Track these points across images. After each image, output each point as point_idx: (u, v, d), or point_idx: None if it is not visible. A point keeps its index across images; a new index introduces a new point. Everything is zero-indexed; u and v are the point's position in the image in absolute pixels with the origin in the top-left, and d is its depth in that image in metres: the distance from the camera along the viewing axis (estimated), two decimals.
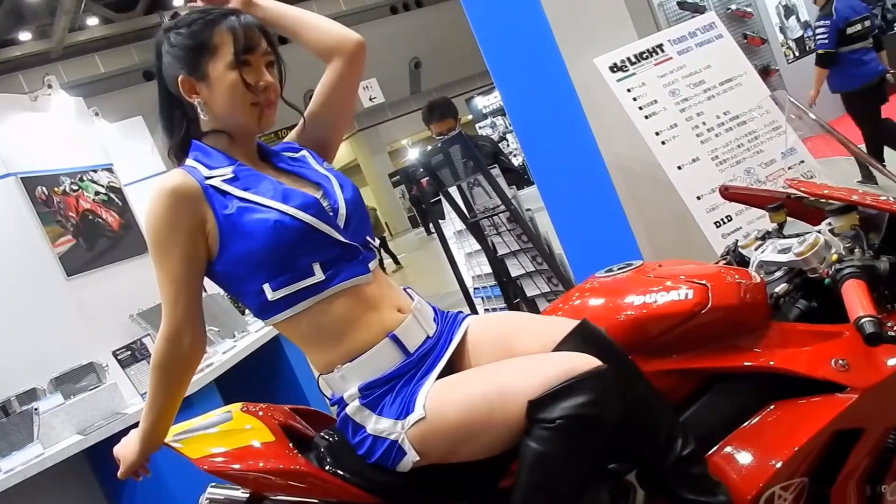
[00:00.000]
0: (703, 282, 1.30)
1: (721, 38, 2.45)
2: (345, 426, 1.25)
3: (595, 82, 2.37)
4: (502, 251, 3.06)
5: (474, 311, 3.42)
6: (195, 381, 2.77)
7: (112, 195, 3.82)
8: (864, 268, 1.20)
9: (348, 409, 1.23)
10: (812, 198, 1.42)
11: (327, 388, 1.29)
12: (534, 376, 1.13)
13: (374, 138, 22.30)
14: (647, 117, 2.31)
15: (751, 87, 2.38)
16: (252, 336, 3.48)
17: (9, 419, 2.54)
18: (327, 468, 1.24)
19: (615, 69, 2.33)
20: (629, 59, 2.36)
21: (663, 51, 2.38)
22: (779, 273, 1.41)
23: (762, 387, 1.30)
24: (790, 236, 1.44)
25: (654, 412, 1.22)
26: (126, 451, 1.30)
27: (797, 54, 8.30)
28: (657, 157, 2.28)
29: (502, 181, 2.85)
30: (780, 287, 1.34)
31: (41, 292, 3.21)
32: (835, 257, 1.26)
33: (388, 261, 12.97)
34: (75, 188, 3.61)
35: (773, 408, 1.28)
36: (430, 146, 3.27)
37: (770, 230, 1.53)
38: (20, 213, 3.26)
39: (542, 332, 1.25)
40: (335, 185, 1.29)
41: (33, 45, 16.02)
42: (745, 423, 1.28)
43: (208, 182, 1.22)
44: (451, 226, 3.45)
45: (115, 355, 2.89)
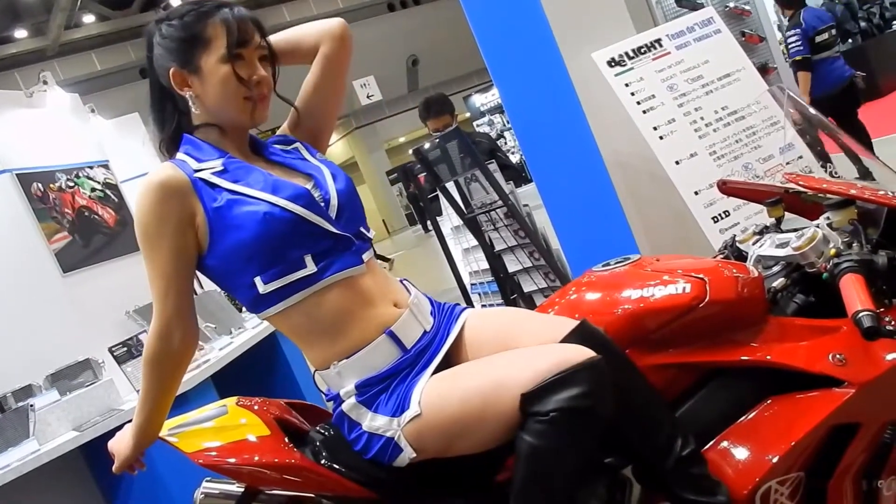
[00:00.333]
0: (701, 276, 1.30)
1: (719, 34, 2.44)
2: (341, 422, 1.24)
3: (593, 77, 2.36)
4: (499, 247, 3.06)
5: (471, 306, 3.41)
6: (191, 377, 2.76)
7: (108, 192, 3.80)
8: (863, 262, 1.20)
9: (344, 406, 1.22)
10: (810, 192, 1.42)
11: (323, 383, 1.28)
12: (526, 369, 1.13)
13: (371, 136, 22.29)
14: (644, 112, 2.30)
15: (749, 82, 2.37)
16: (248, 333, 3.47)
17: (4, 415, 2.53)
18: (323, 462, 1.23)
19: (613, 64, 2.33)
20: (627, 53, 2.35)
21: (661, 46, 2.38)
22: (777, 268, 1.40)
23: (759, 381, 1.30)
24: (788, 231, 1.44)
25: (653, 414, 1.21)
26: (120, 445, 1.29)
27: None
28: (655, 152, 2.27)
29: (500, 176, 2.84)
30: (778, 281, 1.34)
31: (37, 289, 3.20)
32: (833, 252, 1.26)
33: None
34: (71, 185, 3.60)
35: (770, 402, 1.28)
36: (427, 142, 3.26)
37: (768, 225, 1.53)
38: (16, 209, 3.26)
39: (542, 333, 1.25)
40: (327, 175, 1.28)
41: (29, 43, 15.97)
42: (742, 418, 1.28)
43: (197, 175, 1.21)
44: (449, 222, 3.44)
45: (111, 352, 2.88)
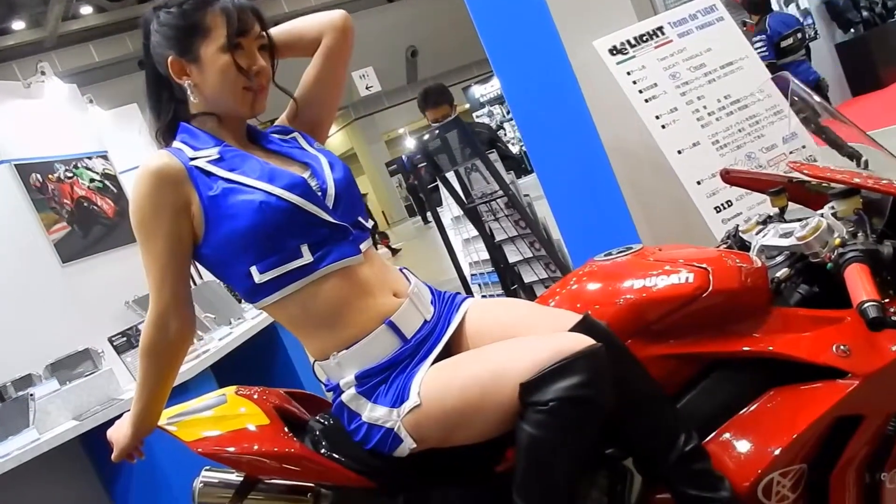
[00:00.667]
0: (704, 265, 1.29)
1: (722, 21, 2.42)
2: (340, 413, 1.24)
3: (594, 66, 2.34)
4: (500, 237, 3.05)
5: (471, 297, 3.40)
6: (191, 367, 2.76)
7: (107, 182, 3.80)
8: (868, 252, 1.18)
9: (344, 397, 1.21)
10: (815, 181, 1.40)
11: (322, 374, 1.27)
12: (525, 359, 1.12)
13: (370, 127, 22.21)
14: (647, 101, 2.28)
15: (752, 70, 2.35)
16: (248, 323, 3.46)
17: (4, 405, 2.54)
18: (323, 452, 1.22)
19: (615, 52, 2.31)
20: (629, 41, 2.33)
21: (663, 33, 2.35)
22: (780, 258, 1.39)
23: (762, 372, 1.29)
24: (792, 221, 1.43)
25: (656, 409, 1.20)
26: (119, 434, 1.28)
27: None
28: (657, 141, 2.25)
29: (500, 166, 2.83)
30: (782, 272, 1.32)
31: (36, 279, 3.20)
32: (837, 241, 1.24)
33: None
34: (70, 175, 3.59)
35: (772, 394, 1.27)
36: (427, 132, 3.24)
37: (771, 215, 1.52)
38: (15, 199, 3.26)
39: (544, 324, 1.24)
40: (324, 164, 1.27)
41: (27, 34, 15.87)
42: (744, 410, 1.27)
43: (193, 163, 1.20)
44: (449, 212, 3.43)
45: (110, 342, 2.88)
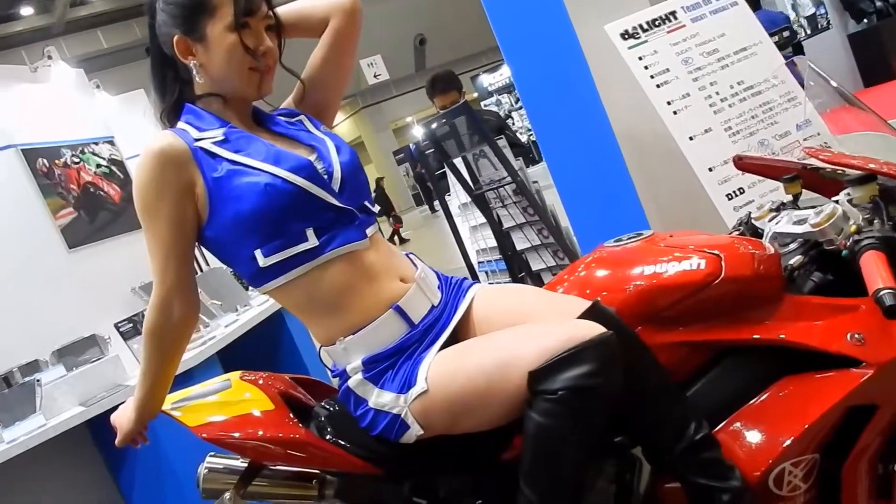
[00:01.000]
0: (716, 252, 1.27)
1: (736, 6, 2.38)
2: (346, 398, 1.22)
3: (606, 50, 2.31)
4: (508, 224, 3.02)
5: None
6: (197, 353, 2.76)
7: (113, 168, 3.78)
8: (885, 239, 1.16)
9: (350, 383, 1.20)
10: (830, 167, 1.38)
11: (328, 359, 1.26)
12: (534, 346, 1.10)
13: (378, 116, 22.18)
14: (658, 87, 2.24)
15: (766, 56, 2.31)
16: (255, 310, 3.46)
17: (11, 390, 2.54)
18: (328, 438, 1.22)
19: (626, 36, 2.27)
20: (641, 26, 2.29)
21: (676, 18, 2.31)
22: (794, 245, 1.36)
23: (774, 361, 1.27)
24: (806, 208, 1.40)
25: (666, 398, 1.19)
26: (122, 419, 1.28)
27: (809, 32, 8.16)
28: (668, 127, 2.22)
29: (508, 153, 2.80)
30: (795, 259, 1.30)
31: (43, 264, 3.19)
32: (853, 228, 1.22)
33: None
34: (76, 160, 3.58)
35: (784, 382, 1.25)
36: (434, 119, 3.21)
37: (784, 202, 1.49)
38: (21, 185, 3.24)
39: (552, 311, 1.22)
40: (331, 147, 1.25)
41: (35, 20, 15.88)
42: (756, 398, 1.25)
43: (198, 144, 1.18)
44: (457, 199, 3.40)
45: (117, 328, 2.88)
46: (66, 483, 2.76)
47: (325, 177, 1.20)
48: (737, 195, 2.18)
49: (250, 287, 3.24)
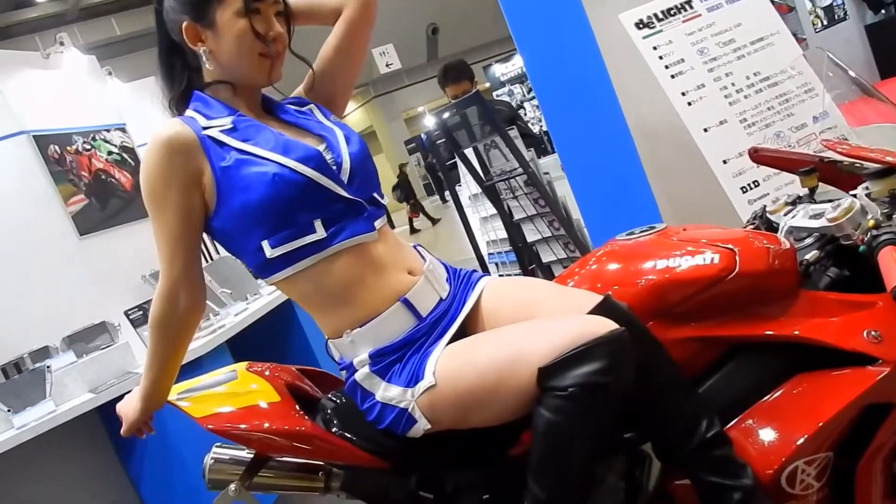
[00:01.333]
0: (730, 246, 1.25)
1: None
2: (353, 391, 1.21)
3: (620, 40, 2.27)
4: (518, 215, 3.00)
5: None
6: (206, 342, 2.77)
7: (125, 155, 3.79)
8: None
9: (357, 376, 1.19)
10: (848, 160, 1.35)
11: (336, 352, 1.25)
12: (544, 342, 1.09)
13: (389, 105, 22.10)
14: (673, 77, 2.21)
15: (783, 47, 2.27)
16: (264, 299, 3.47)
17: (21, 376, 2.56)
18: (334, 431, 1.21)
19: (641, 26, 2.24)
20: (656, 15, 2.25)
21: (692, 7, 2.28)
22: (810, 239, 1.34)
23: (788, 357, 1.25)
24: (823, 202, 1.37)
25: (677, 395, 1.17)
26: (128, 409, 1.27)
27: (825, 23, 8.04)
28: (683, 118, 2.19)
29: (520, 143, 2.77)
30: (811, 254, 1.28)
31: (54, 251, 3.21)
32: (871, 223, 1.20)
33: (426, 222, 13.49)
34: (88, 147, 3.59)
35: (798, 379, 1.23)
36: (446, 109, 3.18)
37: (801, 195, 1.46)
38: (33, 171, 3.25)
39: (563, 306, 1.21)
40: (340, 138, 1.23)
41: (48, 7, 15.92)
42: (769, 395, 1.23)
43: (206, 132, 1.17)
44: (467, 189, 3.38)
45: (126, 315, 2.90)
46: (75, 468, 2.79)
47: (334, 167, 1.19)
48: (752, 188, 2.14)
49: None
